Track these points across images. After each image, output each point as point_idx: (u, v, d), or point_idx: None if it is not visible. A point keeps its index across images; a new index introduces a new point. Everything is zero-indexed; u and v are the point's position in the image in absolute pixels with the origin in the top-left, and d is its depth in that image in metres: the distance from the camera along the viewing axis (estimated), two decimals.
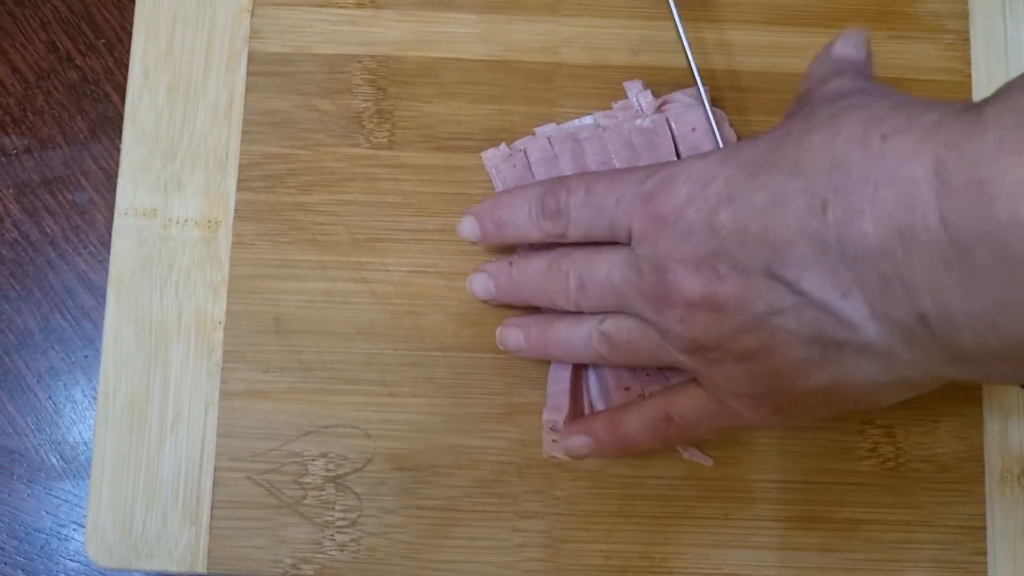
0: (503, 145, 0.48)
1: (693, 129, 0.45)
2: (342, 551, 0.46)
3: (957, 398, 0.47)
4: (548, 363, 0.47)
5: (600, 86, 0.49)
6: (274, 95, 0.49)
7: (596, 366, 0.46)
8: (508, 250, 0.47)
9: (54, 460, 0.48)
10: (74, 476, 0.48)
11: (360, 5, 0.50)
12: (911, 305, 0.30)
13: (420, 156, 0.48)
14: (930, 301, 0.30)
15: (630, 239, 0.39)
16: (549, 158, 0.46)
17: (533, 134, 0.48)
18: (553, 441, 0.46)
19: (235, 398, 0.47)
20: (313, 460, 0.46)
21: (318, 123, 0.49)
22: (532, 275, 0.44)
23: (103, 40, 0.51)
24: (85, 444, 0.49)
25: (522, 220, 0.43)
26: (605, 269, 0.40)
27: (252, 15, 0.49)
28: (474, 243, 0.46)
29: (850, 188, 0.31)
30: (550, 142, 0.46)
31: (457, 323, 0.47)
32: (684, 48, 0.46)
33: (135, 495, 0.46)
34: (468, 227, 0.45)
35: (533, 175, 0.46)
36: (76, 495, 0.48)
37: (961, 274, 0.28)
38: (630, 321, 0.41)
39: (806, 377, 0.35)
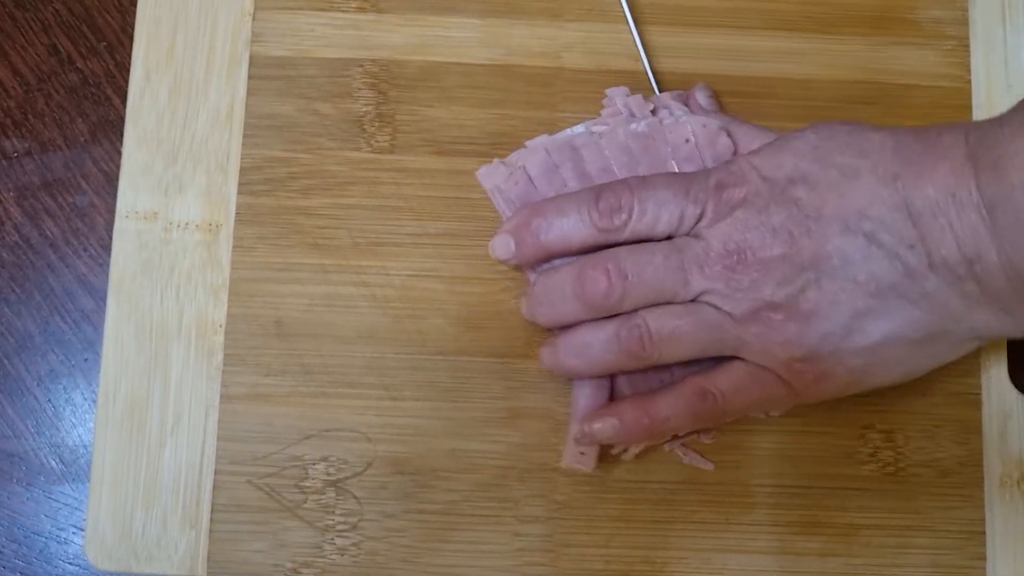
0: (496, 162, 0.47)
1: (687, 140, 0.45)
2: (342, 555, 0.46)
3: (957, 403, 0.47)
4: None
5: (601, 91, 0.49)
6: (275, 99, 0.49)
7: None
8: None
9: (53, 463, 0.48)
10: (73, 479, 0.48)
11: (361, 9, 0.50)
12: (960, 252, 0.38)
13: (421, 160, 0.48)
14: (973, 248, 0.38)
15: (695, 225, 0.42)
16: (550, 169, 0.46)
17: (524, 146, 0.48)
18: (581, 454, 0.45)
19: (236, 401, 0.47)
20: (314, 464, 0.46)
21: (319, 127, 0.49)
22: (561, 280, 0.43)
23: (104, 43, 0.51)
24: (85, 447, 0.48)
25: (570, 223, 0.43)
26: (660, 258, 0.41)
27: (253, 19, 0.49)
28: (506, 261, 0.45)
29: (913, 165, 0.39)
30: (548, 152, 0.46)
31: (458, 327, 0.47)
32: (639, 49, 0.48)
33: (135, 498, 0.46)
34: (502, 244, 0.44)
35: (536, 188, 0.46)
36: (75, 498, 0.48)
37: (992, 227, 0.37)
38: (676, 308, 0.42)
39: (862, 332, 0.40)
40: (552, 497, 0.46)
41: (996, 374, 0.48)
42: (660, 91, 0.48)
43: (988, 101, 0.49)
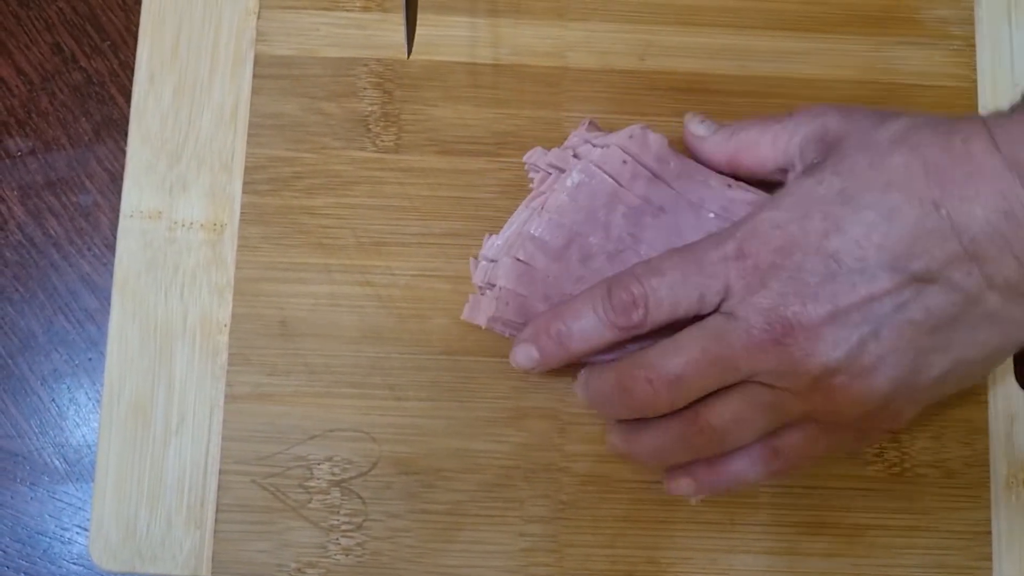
0: (472, 298, 0.45)
1: (624, 162, 0.43)
2: (347, 555, 0.46)
3: (963, 404, 0.47)
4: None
5: (607, 90, 0.49)
6: (280, 98, 0.49)
7: None
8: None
9: (57, 463, 0.48)
10: (77, 479, 0.48)
11: (366, 8, 0.50)
12: (1021, 269, 0.36)
13: (426, 160, 0.48)
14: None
15: (721, 303, 0.39)
16: (523, 271, 0.43)
17: (482, 259, 0.45)
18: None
19: (240, 401, 0.46)
20: (318, 464, 0.46)
21: (324, 126, 0.48)
22: (605, 389, 0.41)
23: (108, 42, 0.51)
24: (89, 447, 0.48)
25: (589, 325, 0.41)
26: (698, 348, 0.39)
27: (258, 18, 0.49)
28: (531, 370, 0.42)
29: (953, 187, 0.37)
30: (512, 256, 0.43)
31: (462, 327, 0.47)
32: None
33: (139, 498, 0.46)
34: (523, 354, 0.42)
35: (526, 293, 0.43)
36: (79, 498, 0.48)
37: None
38: (731, 397, 0.40)
39: (929, 367, 0.39)
40: (557, 497, 0.46)
41: (1002, 375, 0.47)
42: None
43: (994, 101, 0.49)
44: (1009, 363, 0.47)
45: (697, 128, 0.46)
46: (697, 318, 0.40)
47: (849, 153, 0.39)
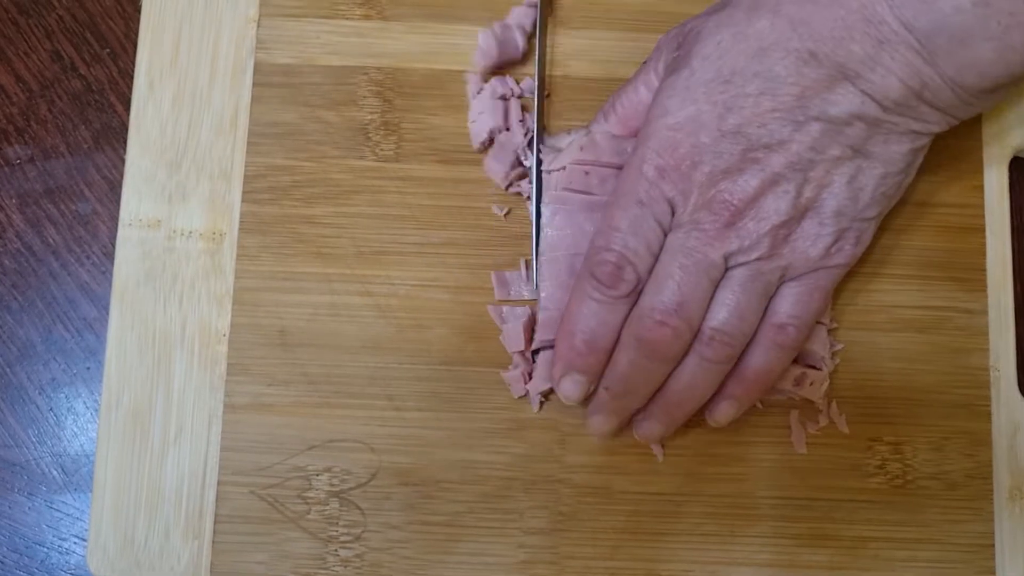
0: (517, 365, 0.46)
1: (567, 165, 0.45)
2: (346, 567, 0.45)
3: (965, 414, 0.47)
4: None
5: (606, 98, 0.49)
6: (280, 106, 0.48)
7: None
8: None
9: (55, 473, 0.48)
10: (75, 489, 0.48)
11: (367, 17, 0.49)
12: (907, 87, 0.40)
13: (426, 169, 0.48)
14: (916, 80, 0.39)
15: (673, 216, 0.42)
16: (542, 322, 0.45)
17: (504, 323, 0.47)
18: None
19: (239, 411, 0.46)
20: (317, 475, 0.46)
21: (324, 135, 0.48)
22: (628, 365, 0.43)
23: (108, 50, 0.51)
24: (87, 457, 0.48)
25: (598, 315, 0.42)
26: (676, 270, 0.41)
27: (258, 26, 0.49)
28: (584, 394, 0.44)
29: (823, 32, 0.39)
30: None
31: (462, 337, 0.47)
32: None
33: (137, 509, 0.46)
34: (572, 386, 0.43)
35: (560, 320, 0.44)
36: (77, 508, 0.48)
37: (929, 56, 0.39)
38: (722, 296, 0.42)
39: (863, 188, 0.42)
40: (556, 508, 0.46)
41: (1005, 385, 0.47)
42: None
43: None
44: (1012, 371, 0.47)
45: (569, 140, 0.46)
46: None
47: (710, 35, 0.42)
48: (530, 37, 0.49)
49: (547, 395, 0.47)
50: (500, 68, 0.49)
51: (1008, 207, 0.49)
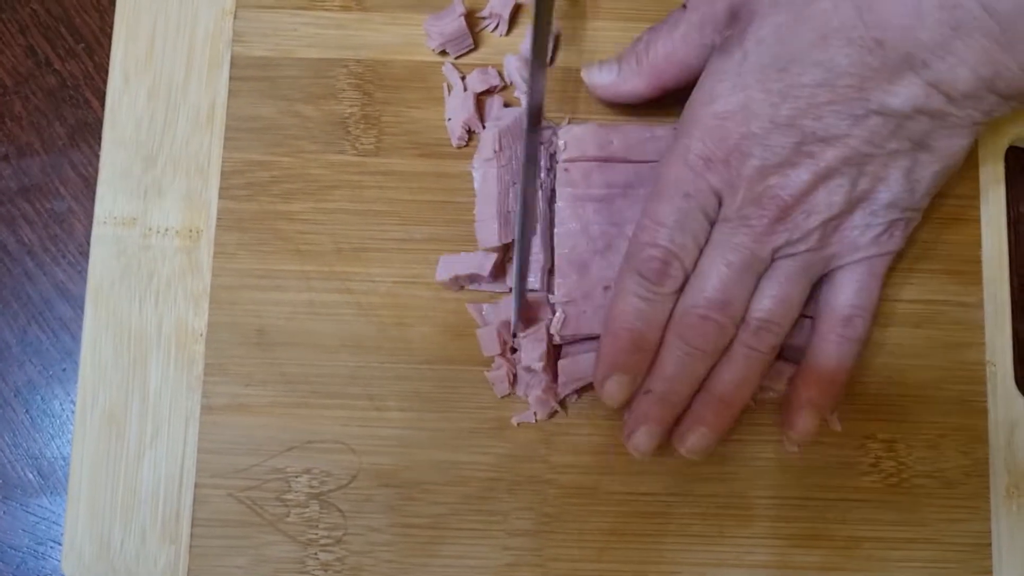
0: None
1: (566, 144, 0.44)
2: (326, 571, 0.44)
3: (961, 411, 0.46)
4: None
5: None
6: (257, 100, 0.47)
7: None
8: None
9: (31, 476, 0.47)
10: (52, 492, 0.47)
11: (346, 8, 0.48)
12: (978, 77, 0.37)
13: (407, 163, 0.47)
14: (989, 69, 0.37)
15: (720, 209, 0.40)
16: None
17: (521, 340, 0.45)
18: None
19: (216, 412, 0.45)
20: (296, 476, 0.45)
21: (302, 129, 0.47)
22: (673, 363, 0.41)
23: (83, 44, 0.50)
24: (63, 459, 0.47)
25: (643, 310, 0.41)
26: (722, 265, 0.40)
27: (235, 18, 0.48)
28: (626, 398, 0.42)
29: (890, 17, 0.37)
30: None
31: (445, 335, 0.46)
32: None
33: (113, 512, 0.45)
34: (617, 387, 0.41)
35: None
36: (54, 512, 0.47)
37: (1006, 42, 0.36)
38: (767, 285, 0.41)
39: (919, 181, 0.40)
40: (542, 510, 0.45)
41: (1002, 380, 0.46)
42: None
43: None
44: (1009, 366, 0.46)
45: (602, 76, 0.45)
46: None
47: (767, 15, 0.39)
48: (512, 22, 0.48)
49: (580, 392, 0.46)
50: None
51: (1004, 198, 0.47)
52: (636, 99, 0.44)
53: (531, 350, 0.43)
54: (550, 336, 0.44)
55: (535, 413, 0.45)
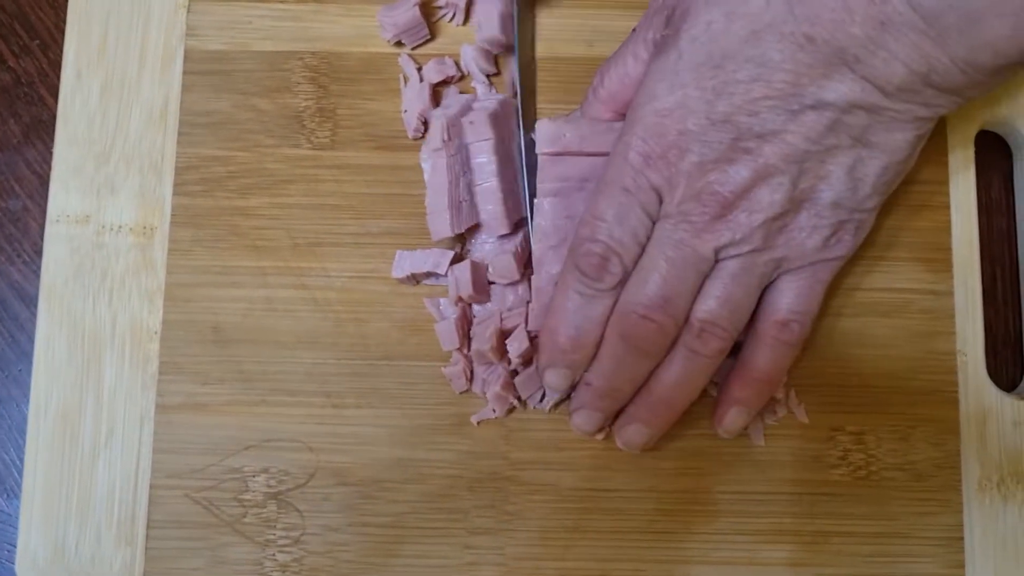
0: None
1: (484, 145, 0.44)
2: (284, 571, 0.43)
3: (932, 402, 0.45)
4: None
5: (554, 79, 0.47)
6: (211, 95, 0.47)
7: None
8: None
9: None
10: (8, 495, 0.46)
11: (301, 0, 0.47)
12: (912, 71, 0.37)
13: (363, 156, 0.46)
14: (923, 63, 0.37)
15: (661, 207, 0.40)
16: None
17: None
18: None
19: (172, 411, 0.45)
20: (254, 476, 0.44)
21: (257, 123, 0.46)
22: (613, 361, 0.41)
23: (37, 41, 0.49)
24: (19, 462, 0.46)
25: (584, 310, 0.40)
26: (663, 262, 0.40)
27: (188, 11, 0.47)
28: (564, 390, 0.43)
29: (823, 13, 0.37)
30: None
31: (403, 331, 0.45)
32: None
33: (68, 515, 0.44)
34: (553, 379, 0.42)
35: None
36: (8, 514, 0.46)
37: (937, 37, 0.36)
38: (712, 287, 0.40)
39: (863, 177, 0.40)
40: (503, 508, 0.44)
41: (973, 370, 0.45)
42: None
43: None
44: (980, 355, 0.45)
45: (562, 125, 0.43)
46: None
47: (700, 13, 0.39)
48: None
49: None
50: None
51: (974, 183, 0.46)
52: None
53: (482, 340, 0.42)
54: (501, 320, 0.43)
55: (494, 409, 0.44)
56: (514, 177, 0.45)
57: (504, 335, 0.43)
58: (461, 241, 0.45)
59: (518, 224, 0.44)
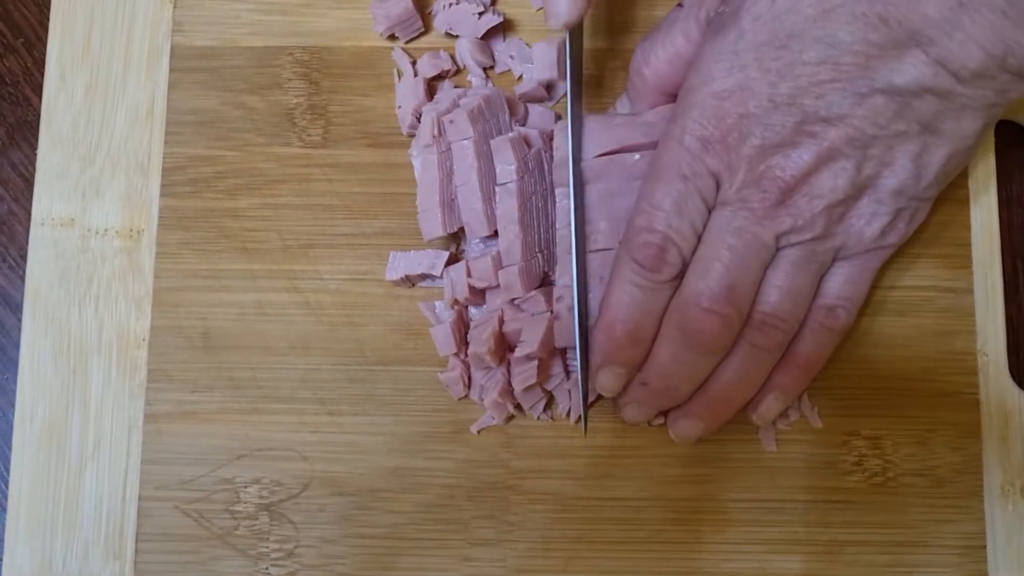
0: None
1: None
2: None
3: (951, 404, 0.43)
4: None
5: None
6: (199, 92, 0.45)
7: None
8: None
9: None
10: None
11: None
12: (988, 54, 0.35)
13: (356, 154, 0.45)
14: (1000, 46, 0.35)
15: (718, 193, 0.38)
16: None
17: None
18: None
19: (160, 420, 0.43)
20: (245, 487, 0.43)
21: (247, 121, 0.45)
22: (671, 358, 0.39)
23: (22, 39, 0.48)
24: (5, 473, 0.45)
25: (639, 302, 0.39)
26: (724, 251, 0.38)
27: (175, 6, 0.46)
28: (617, 390, 0.40)
29: None
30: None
31: (398, 334, 0.43)
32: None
33: (54, 529, 0.43)
34: (610, 378, 0.40)
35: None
36: None
37: (1016, 16, 0.34)
38: (773, 276, 0.39)
39: (928, 166, 0.38)
40: (504, 518, 0.42)
41: (995, 371, 0.43)
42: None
43: None
44: (1001, 355, 0.43)
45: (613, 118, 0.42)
46: None
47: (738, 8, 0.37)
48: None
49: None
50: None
51: (995, 176, 0.44)
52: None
53: (479, 343, 0.41)
54: (501, 324, 0.41)
55: (492, 417, 0.42)
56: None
57: (502, 338, 0.41)
58: (456, 241, 0.43)
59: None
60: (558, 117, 0.44)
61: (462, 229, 0.42)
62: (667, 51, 0.41)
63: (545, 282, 0.42)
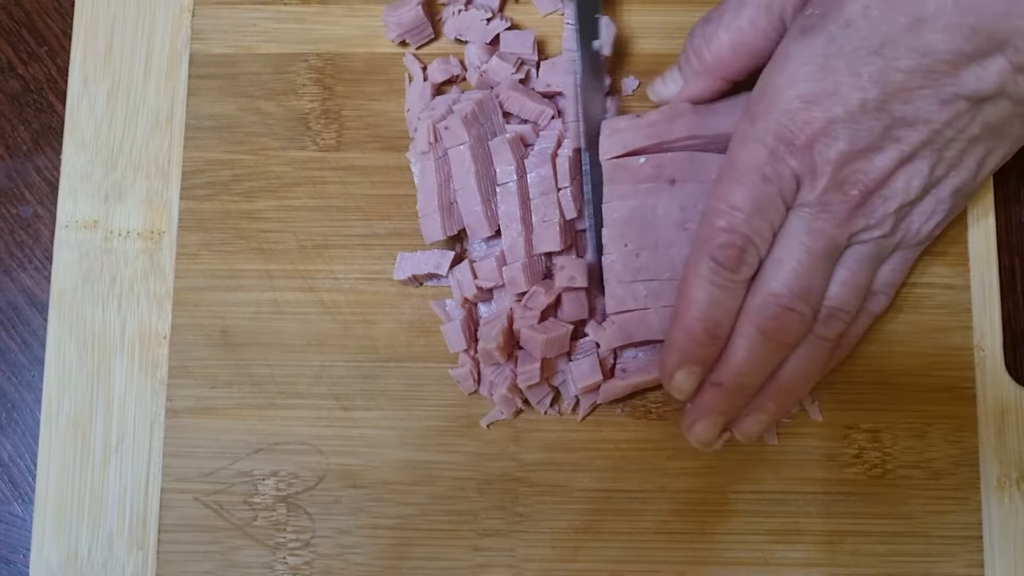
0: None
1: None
2: (295, 575, 0.43)
3: (949, 398, 0.44)
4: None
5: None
6: (217, 98, 0.47)
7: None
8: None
9: (2, 484, 0.47)
10: (23, 500, 0.47)
11: (305, 2, 0.47)
12: None
13: (369, 157, 0.46)
14: None
15: (797, 195, 0.39)
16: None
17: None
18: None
19: (181, 416, 0.45)
20: (263, 479, 0.44)
21: (263, 126, 0.46)
22: (747, 355, 0.40)
23: (45, 47, 0.49)
24: (34, 467, 0.47)
25: (717, 301, 0.39)
26: (802, 251, 0.39)
27: (193, 15, 0.47)
28: (691, 394, 0.41)
29: (987, 7, 0.35)
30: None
31: (411, 332, 0.45)
32: None
33: (80, 520, 0.44)
34: (686, 379, 0.40)
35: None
36: (24, 519, 0.46)
37: None
38: (841, 274, 0.40)
39: (985, 165, 0.40)
40: (513, 509, 0.44)
41: (991, 365, 0.44)
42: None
43: None
44: (998, 349, 0.44)
45: (668, 88, 0.43)
46: None
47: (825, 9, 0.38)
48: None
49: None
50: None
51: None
52: (699, 101, 0.43)
53: (488, 339, 0.42)
54: (511, 322, 0.42)
55: (501, 411, 0.44)
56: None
57: (511, 335, 0.42)
58: (460, 241, 0.45)
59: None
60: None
61: (464, 230, 0.43)
62: (732, 37, 0.41)
63: (548, 276, 0.43)
